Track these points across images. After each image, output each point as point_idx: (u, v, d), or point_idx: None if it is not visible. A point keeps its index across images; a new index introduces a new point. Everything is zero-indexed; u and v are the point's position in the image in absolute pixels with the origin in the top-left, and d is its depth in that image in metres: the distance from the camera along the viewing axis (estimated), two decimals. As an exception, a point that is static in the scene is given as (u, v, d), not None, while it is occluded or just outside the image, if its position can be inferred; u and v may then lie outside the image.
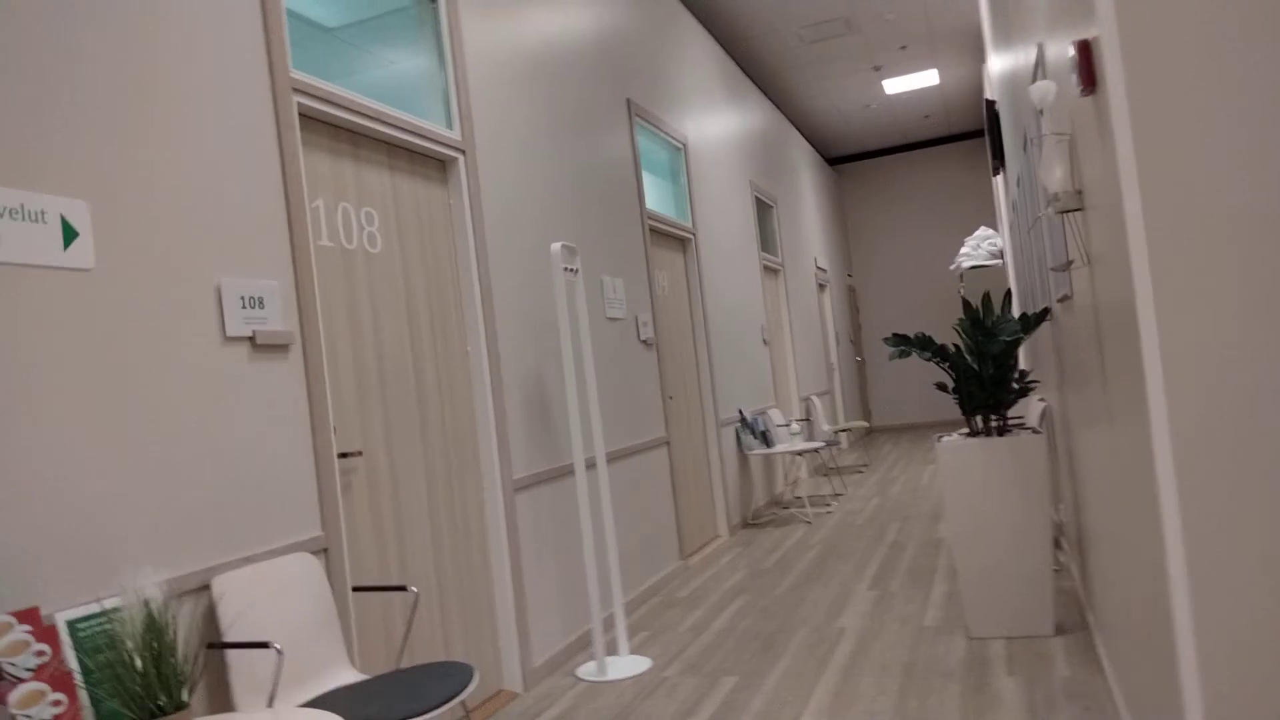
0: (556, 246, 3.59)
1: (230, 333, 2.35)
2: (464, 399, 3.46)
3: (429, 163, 3.42)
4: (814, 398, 8.89)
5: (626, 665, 3.63)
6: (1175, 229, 1.50)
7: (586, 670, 3.64)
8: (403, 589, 2.56)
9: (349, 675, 2.43)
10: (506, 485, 3.53)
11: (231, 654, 2.16)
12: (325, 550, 2.59)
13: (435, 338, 3.33)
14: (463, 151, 3.53)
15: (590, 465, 4.26)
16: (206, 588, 2.20)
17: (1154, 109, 1.50)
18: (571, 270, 3.74)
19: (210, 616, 2.20)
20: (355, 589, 2.71)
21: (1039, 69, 2.70)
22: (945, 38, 8.54)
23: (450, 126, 3.53)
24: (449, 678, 2.29)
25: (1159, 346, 1.51)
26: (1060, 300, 3.07)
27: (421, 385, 3.22)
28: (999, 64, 5.40)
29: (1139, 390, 1.61)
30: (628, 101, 5.30)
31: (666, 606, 4.56)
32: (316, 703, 2.22)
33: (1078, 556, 3.84)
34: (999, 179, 7.21)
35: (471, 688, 2.27)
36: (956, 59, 9.17)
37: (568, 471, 4.04)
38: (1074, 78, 1.73)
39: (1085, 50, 1.69)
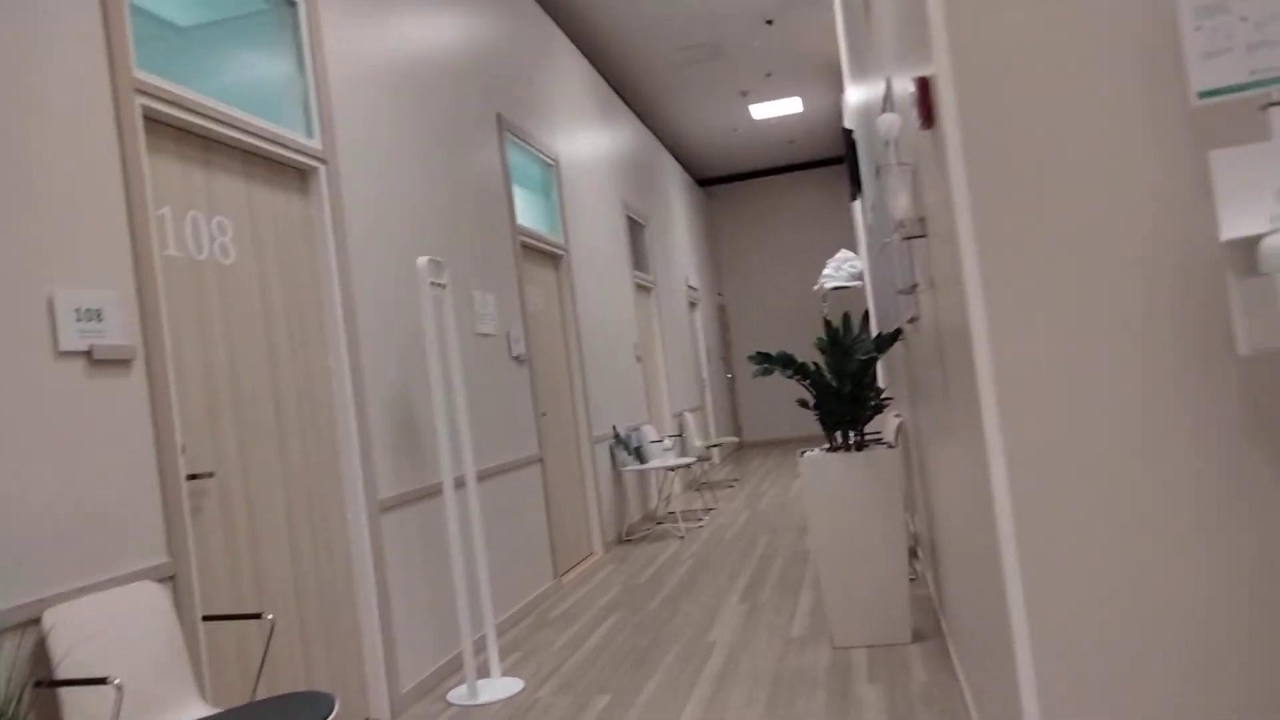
0: (422, 260, 3.53)
1: (64, 347, 2.20)
2: (326, 417, 3.35)
3: (288, 172, 3.31)
4: (686, 413, 9.03)
5: (499, 687, 3.57)
6: (1006, 255, 1.61)
7: (457, 694, 3.57)
8: (258, 616, 2.45)
9: (198, 709, 2.30)
10: (372, 505, 3.43)
11: (66, 693, 2.01)
12: (173, 578, 2.45)
13: (295, 353, 3.21)
14: (324, 161, 3.43)
15: (460, 484, 4.19)
16: (37, 621, 2.04)
17: (986, 143, 1.61)
18: (439, 284, 3.69)
19: (43, 652, 2.05)
20: (206, 618, 2.57)
21: (887, 102, 2.85)
22: (808, 67, 8.89)
23: (310, 135, 3.42)
24: (307, 708, 2.20)
25: (991, 366, 1.62)
26: (910, 321, 3.24)
27: (280, 403, 3.09)
28: (855, 95, 5.67)
29: (975, 407, 1.72)
30: (498, 116, 5.28)
31: (540, 626, 4.53)
32: (159, 742, 2.09)
33: (932, 565, 4.04)
34: (857, 204, 7.55)
35: (331, 717, 2.19)
36: (818, 88, 9.56)
37: (437, 491, 3.96)
38: (914, 112, 1.84)
39: (924, 86, 1.80)
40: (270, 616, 2.42)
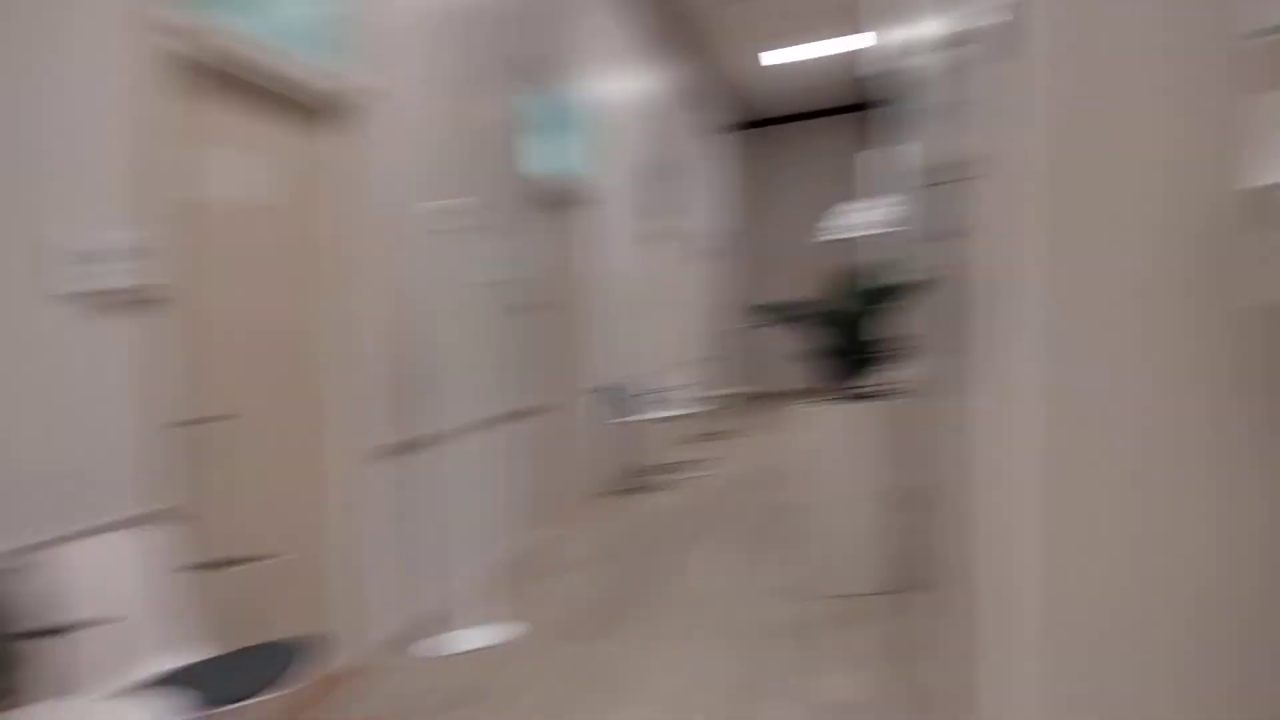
0: (433, 205, 3.43)
1: (66, 289, 2.12)
2: (328, 361, 3.28)
3: (323, 112, 3.18)
4: (694, 364, 8.96)
5: (484, 635, 3.54)
6: (1068, 201, 1.52)
7: (443, 642, 3.53)
8: (255, 560, 2.41)
9: (191, 654, 2.27)
10: (364, 453, 3.37)
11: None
12: (179, 521, 2.40)
13: (312, 298, 3.12)
14: (359, 101, 3.31)
15: (458, 433, 4.13)
16: (36, 563, 2.00)
17: (1065, 82, 1.51)
18: (450, 230, 3.59)
19: (41, 593, 2.01)
20: (207, 565, 2.53)
21: (952, 39, 2.69)
22: (825, 13, 8.62)
23: (351, 75, 3.28)
24: (276, 657, 2.17)
25: (1041, 315, 1.54)
26: (935, 270, 3.13)
27: (290, 347, 3.02)
28: (889, 37, 5.48)
29: (1016, 359, 1.64)
30: (516, 58, 5.11)
31: (529, 575, 4.50)
32: (152, 685, 2.07)
33: (923, 517, 3.99)
34: (877, 151, 7.37)
35: (313, 666, 2.16)
36: (834, 35, 9.29)
37: (430, 440, 3.90)
38: (988, 48, 1.72)
39: (1006, 20, 1.67)
40: (288, 556, 2.37)
